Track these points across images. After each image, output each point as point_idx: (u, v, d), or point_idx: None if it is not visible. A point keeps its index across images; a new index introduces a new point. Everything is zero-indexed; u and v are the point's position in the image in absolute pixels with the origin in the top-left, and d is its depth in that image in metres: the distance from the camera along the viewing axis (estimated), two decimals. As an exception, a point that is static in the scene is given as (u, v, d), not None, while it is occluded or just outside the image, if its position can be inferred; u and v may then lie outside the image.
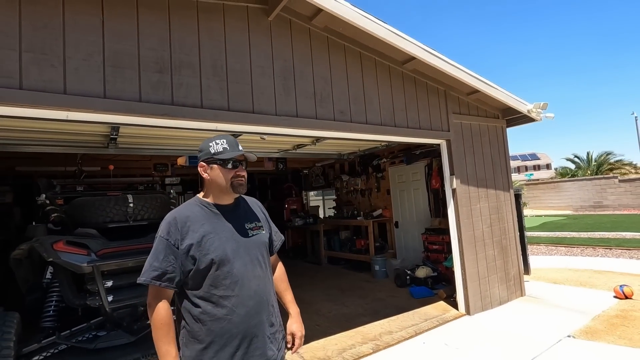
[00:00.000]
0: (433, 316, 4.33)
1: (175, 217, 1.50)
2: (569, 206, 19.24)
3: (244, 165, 1.59)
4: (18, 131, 3.24)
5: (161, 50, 2.57)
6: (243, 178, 1.58)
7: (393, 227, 7.08)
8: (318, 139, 4.67)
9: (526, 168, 44.24)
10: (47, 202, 3.34)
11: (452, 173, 4.49)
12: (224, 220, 1.55)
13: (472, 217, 4.60)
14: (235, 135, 3.94)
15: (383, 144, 5.75)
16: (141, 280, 1.42)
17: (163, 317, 1.39)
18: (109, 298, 2.91)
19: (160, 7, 2.59)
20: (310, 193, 10.22)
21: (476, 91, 4.56)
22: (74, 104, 2.22)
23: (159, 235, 1.47)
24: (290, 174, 10.13)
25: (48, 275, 3.32)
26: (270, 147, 5.39)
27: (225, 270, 1.46)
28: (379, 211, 7.23)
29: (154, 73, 2.52)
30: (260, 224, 1.66)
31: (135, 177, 5.08)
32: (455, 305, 4.58)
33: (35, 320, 3.16)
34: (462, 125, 4.70)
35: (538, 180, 28.30)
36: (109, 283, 2.94)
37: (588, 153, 23.87)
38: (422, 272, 5.47)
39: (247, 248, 1.55)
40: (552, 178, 27.41)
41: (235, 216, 1.59)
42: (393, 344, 3.60)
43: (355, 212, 7.77)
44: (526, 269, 5.47)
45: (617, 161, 22.73)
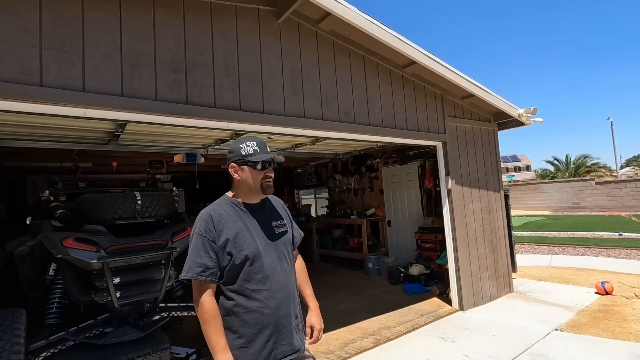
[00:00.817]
0: (428, 312, 4.50)
1: (210, 214, 1.56)
2: (549, 207, 19.94)
3: (272, 166, 1.68)
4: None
5: (176, 50, 2.61)
6: (271, 179, 1.66)
7: (386, 226, 7.24)
8: (318, 139, 4.76)
9: (507, 169, 45.46)
10: (52, 199, 3.32)
11: (448, 174, 4.66)
12: (253, 218, 1.63)
13: (466, 217, 4.78)
14: (237, 134, 4.01)
15: (379, 145, 5.89)
16: (188, 276, 1.46)
17: (211, 310, 1.45)
18: (117, 294, 2.92)
19: (175, 7, 2.63)
20: (302, 192, 10.29)
21: (471, 95, 4.75)
22: (92, 102, 2.25)
23: (196, 232, 1.53)
24: (282, 173, 10.18)
25: (51, 271, 3.29)
26: (269, 147, 5.43)
27: (257, 265, 1.54)
28: (372, 210, 7.38)
29: (170, 72, 2.56)
30: (284, 222, 1.75)
31: (135, 174, 5.03)
32: (448, 301, 4.76)
33: (37, 317, 3.13)
34: (457, 128, 4.88)
35: (519, 181, 29.20)
36: (117, 280, 2.94)
37: (567, 156, 24.83)
38: (416, 270, 5.64)
39: (275, 244, 1.64)
40: (533, 179, 28.33)
41: (262, 215, 1.67)
42: (393, 338, 3.73)
43: (348, 211, 7.90)
44: (513, 267, 5.72)
45: (594, 164, 23.71)
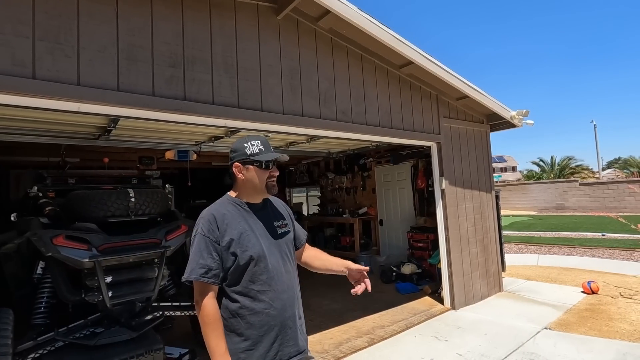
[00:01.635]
0: (421, 311, 4.54)
1: (213, 215, 1.53)
2: (534, 207, 20.37)
3: (274, 165, 1.66)
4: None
5: (174, 44, 2.55)
6: (275, 179, 1.64)
7: (378, 225, 7.27)
8: (314, 137, 4.73)
9: (494, 170, 46.23)
10: (40, 195, 3.21)
11: (442, 174, 4.70)
12: (256, 218, 1.61)
13: (459, 217, 4.83)
14: (234, 131, 3.95)
15: (374, 144, 5.89)
16: (190, 278, 1.42)
17: (212, 313, 1.42)
18: (109, 294, 2.85)
19: (174, 0, 2.56)
20: (293, 190, 10.25)
21: (465, 96, 4.79)
22: (87, 96, 2.18)
23: (199, 232, 1.49)
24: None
25: (39, 270, 3.19)
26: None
27: (262, 266, 1.52)
28: (364, 209, 7.40)
29: (168, 67, 2.50)
30: (286, 222, 1.73)
31: (125, 170, 4.92)
32: (440, 300, 4.81)
33: (25, 317, 3.04)
34: (451, 128, 4.92)
35: (505, 181, 29.74)
36: (109, 279, 2.87)
37: (552, 157, 25.35)
38: (408, 269, 5.68)
39: (278, 245, 1.62)
40: (518, 180, 28.89)
41: (264, 215, 1.65)
42: (387, 338, 3.75)
43: (340, 210, 7.91)
44: (503, 266, 5.81)
45: (578, 166, 24.31)
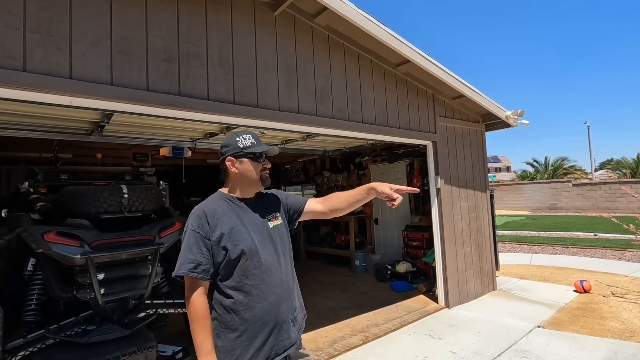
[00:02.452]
0: (415, 309, 4.55)
1: (203, 210, 1.52)
2: (528, 207, 20.53)
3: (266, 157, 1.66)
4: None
5: (169, 39, 2.51)
6: (268, 170, 1.64)
7: (373, 224, 7.28)
8: (310, 135, 4.71)
9: (488, 170, 46.51)
10: (31, 190, 3.16)
11: (437, 173, 4.70)
12: (249, 212, 1.60)
13: (453, 216, 4.85)
14: (229, 128, 3.92)
15: (370, 143, 5.88)
16: (178, 273, 1.42)
17: (200, 309, 1.41)
18: (101, 291, 2.82)
19: (169, -6, 2.53)
20: (289, 188, 10.22)
21: (461, 96, 4.80)
22: (80, 90, 2.14)
23: (189, 228, 1.48)
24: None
25: (30, 267, 3.15)
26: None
27: (254, 260, 1.51)
28: (360, 207, 7.40)
29: (162, 62, 2.47)
30: (278, 215, 1.72)
31: (119, 167, 4.87)
32: (434, 298, 4.83)
33: (15, 314, 2.99)
34: (447, 127, 4.93)
35: (499, 181, 29.95)
36: (101, 276, 2.84)
37: (546, 158, 25.59)
38: (403, 267, 5.69)
39: (271, 238, 1.61)
40: (513, 180, 29.12)
41: (256, 209, 1.64)
42: (381, 335, 3.75)
43: (335, 208, 7.88)
44: (496, 265, 5.84)
45: (571, 166, 24.55)
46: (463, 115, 5.25)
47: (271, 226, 1.64)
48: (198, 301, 1.42)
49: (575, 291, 5.09)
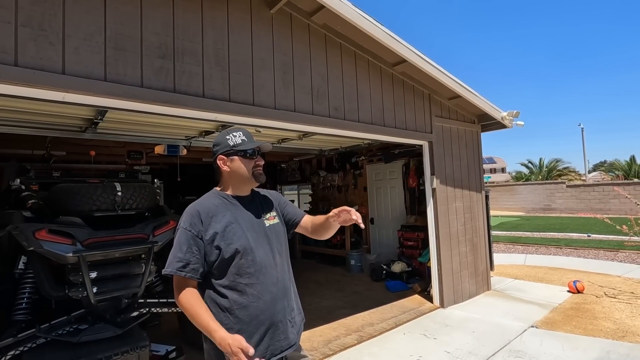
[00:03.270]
0: (410, 309, 4.55)
1: (197, 209, 1.51)
2: (522, 208, 20.66)
3: (260, 154, 1.66)
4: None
5: (164, 35, 2.49)
6: (261, 167, 1.63)
7: (368, 223, 7.27)
8: (306, 134, 4.70)
9: (484, 171, 46.71)
10: (23, 188, 3.11)
11: (433, 173, 4.71)
12: (244, 210, 1.58)
13: (449, 216, 4.86)
14: (225, 126, 3.90)
15: (366, 142, 5.89)
16: (166, 271, 1.42)
17: (191, 299, 1.40)
18: (94, 290, 2.79)
19: (164, -10, 2.50)
20: (284, 187, 10.20)
21: (457, 96, 4.81)
22: (73, 86, 2.11)
23: (181, 227, 1.47)
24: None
25: (21, 265, 3.10)
26: (257, 140, 5.32)
27: (249, 259, 1.49)
28: (356, 207, 7.39)
29: (157, 58, 2.44)
30: (274, 214, 1.70)
31: (113, 164, 4.83)
32: (429, 298, 4.84)
33: (5, 313, 2.95)
34: (443, 128, 4.94)
35: (494, 182, 30.13)
36: (93, 274, 2.80)
37: (540, 159, 25.70)
38: (398, 267, 5.70)
39: (266, 237, 1.60)
40: (507, 181, 29.29)
41: (252, 207, 1.63)
42: (376, 335, 3.75)
43: (331, 208, 7.84)
44: (491, 265, 5.87)
45: (565, 168, 24.71)
46: (459, 115, 5.26)
47: (267, 224, 1.63)
48: (186, 293, 1.41)
49: (568, 291, 5.12)
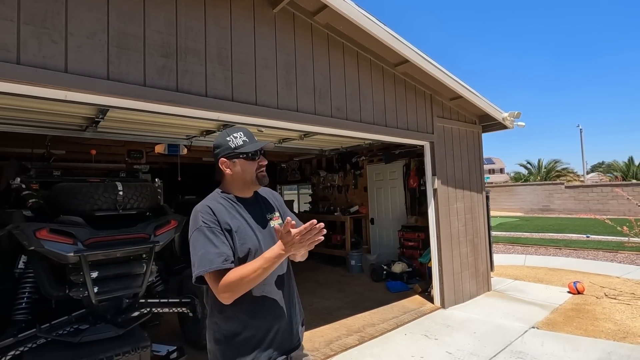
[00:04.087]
0: (411, 309, 4.55)
1: (209, 206, 1.47)
2: (521, 208, 20.69)
3: (263, 154, 1.62)
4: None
5: (167, 34, 2.47)
6: (264, 168, 1.60)
7: (369, 224, 7.28)
8: (307, 134, 4.69)
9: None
10: (23, 187, 3.09)
11: (434, 174, 4.71)
12: (249, 212, 1.57)
13: (450, 216, 4.86)
14: (226, 125, 3.88)
15: (367, 142, 5.88)
16: (212, 268, 1.31)
17: (237, 272, 1.31)
18: (95, 289, 2.77)
19: (167, -11, 2.49)
20: (285, 187, 10.19)
21: (459, 97, 4.80)
22: (75, 84, 2.09)
23: (202, 225, 1.40)
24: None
25: (21, 264, 3.09)
26: (259, 140, 5.31)
27: None
28: (356, 207, 7.39)
29: (160, 57, 2.43)
30: (277, 214, 1.68)
31: (113, 164, 4.80)
32: (430, 299, 4.83)
33: (5, 313, 2.93)
34: (444, 128, 4.94)
35: (492, 183, 30.17)
36: (94, 274, 2.79)
37: (539, 160, 25.76)
38: (399, 268, 5.69)
39: (272, 237, 1.58)
40: (506, 182, 29.34)
41: (256, 208, 1.61)
42: (377, 336, 3.74)
43: (331, 208, 7.89)
44: (491, 266, 5.87)
45: (564, 169, 24.76)
46: (460, 116, 5.26)
47: (272, 225, 1.61)
48: (231, 275, 1.31)
49: (568, 292, 5.12)
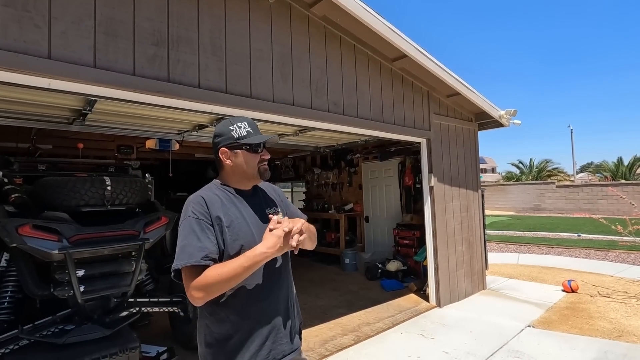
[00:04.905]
0: (406, 308, 4.50)
1: (202, 197, 1.38)
2: (513, 207, 20.87)
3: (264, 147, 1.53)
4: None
5: (158, 21, 2.36)
6: (267, 162, 1.51)
7: (363, 222, 7.21)
8: (303, 130, 4.60)
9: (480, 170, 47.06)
10: (5, 181, 2.95)
11: (431, 171, 4.65)
12: (247, 205, 1.47)
13: (446, 214, 4.82)
14: (220, 119, 3.78)
15: (363, 139, 5.81)
16: (191, 262, 1.23)
17: (217, 268, 1.23)
18: (81, 288, 2.66)
19: (158, -26, 2.38)
20: (278, 184, 10.08)
21: (456, 93, 4.75)
22: (59, 71, 1.98)
23: (190, 216, 1.32)
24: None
25: (3, 262, 2.95)
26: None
27: None
28: (351, 205, 7.33)
29: (150, 46, 2.32)
30: (278, 210, 1.59)
31: (103, 159, 4.66)
32: (425, 297, 4.79)
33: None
34: (441, 125, 4.89)
35: (485, 182, 30.41)
36: (81, 272, 2.67)
37: (530, 160, 26.00)
38: (393, 266, 5.64)
39: None
40: (498, 181, 29.59)
41: (255, 201, 1.51)
42: (373, 335, 3.68)
43: (326, 206, 7.81)
44: (486, 264, 5.86)
45: (555, 169, 25.04)
46: (457, 113, 5.21)
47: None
48: (210, 271, 1.23)
49: (563, 291, 5.13)
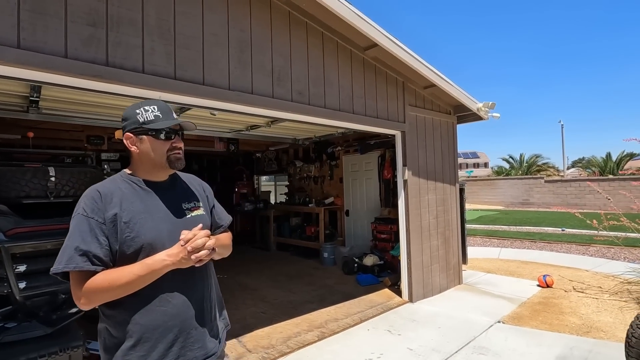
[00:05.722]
0: (378, 303, 4.43)
1: (98, 191, 1.25)
2: (502, 202, 20.96)
3: (181, 135, 1.39)
4: None
5: (95, 0, 2.20)
6: (180, 151, 1.37)
7: (344, 215, 7.13)
8: (273, 121, 4.46)
9: (467, 165, 47.35)
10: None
11: (405, 164, 4.55)
12: (158, 199, 1.34)
13: (421, 208, 4.73)
14: (183, 108, 3.63)
15: (339, 131, 5.69)
16: (68, 268, 1.15)
17: (107, 274, 1.18)
18: (21, 285, 2.52)
19: (95, -51, 2.21)
20: (262, 178, 9.95)
21: (432, 85, 4.64)
22: (-24, 52, 1.82)
23: (79, 213, 1.22)
24: (242, 157, 9.76)
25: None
26: (221, 126, 5.06)
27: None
28: (331, 199, 7.23)
29: (86, 26, 2.16)
30: (199, 205, 1.46)
31: (63, 150, 4.48)
32: (399, 292, 4.73)
33: None
34: (417, 118, 4.78)
35: (476, 177, 30.53)
36: (22, 268, 2.54)
37: (521, 155, 26.10)
38: (370, 260, 5.57)
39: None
40: (489, 176, 29.72)
41: (170, 195, 1.38)
42: (338, 331, 3.60)
43: (307, 199, 7.71)
44: (464, 259, 5.81)
45: (544, 164, 25.17)
46: (434, 105, 5.11)
47: (189, 215, 1.38)
48: (99, 277, 1.17)
49: (538, 286, 5.10)
